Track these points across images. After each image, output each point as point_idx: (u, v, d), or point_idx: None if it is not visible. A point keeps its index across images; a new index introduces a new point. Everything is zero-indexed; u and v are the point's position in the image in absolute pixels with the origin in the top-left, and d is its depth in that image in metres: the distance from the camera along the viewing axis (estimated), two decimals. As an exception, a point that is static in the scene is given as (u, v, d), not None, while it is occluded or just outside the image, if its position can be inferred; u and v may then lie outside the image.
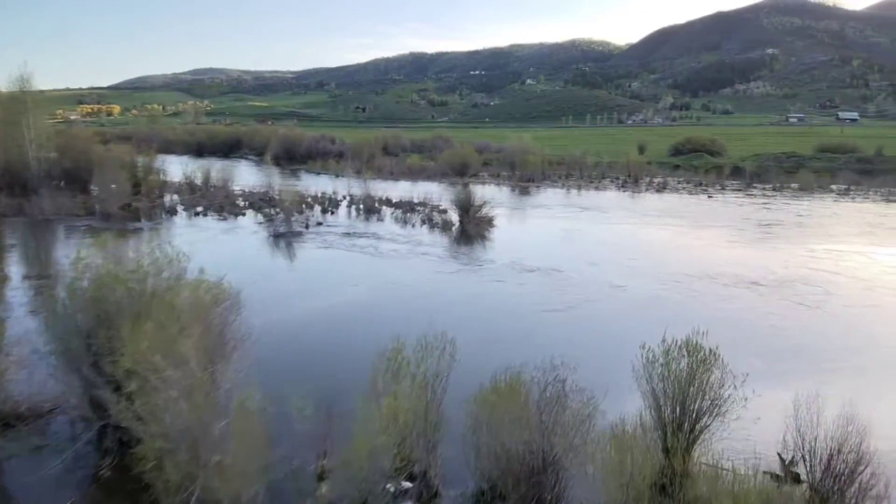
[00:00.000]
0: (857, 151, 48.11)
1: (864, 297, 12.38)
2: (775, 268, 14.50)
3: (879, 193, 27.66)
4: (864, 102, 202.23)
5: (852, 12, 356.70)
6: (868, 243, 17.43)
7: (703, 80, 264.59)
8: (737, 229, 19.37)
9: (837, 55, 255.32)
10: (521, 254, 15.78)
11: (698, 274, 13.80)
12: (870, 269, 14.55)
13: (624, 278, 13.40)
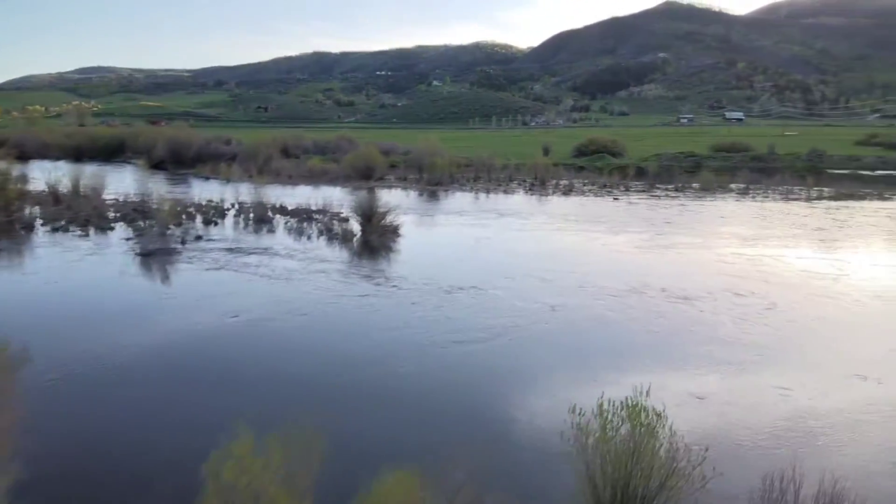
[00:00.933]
0: (751, 150, 50.24)
1: (818, 308, 11.78)
2: (703, 276, 13.83)
3: (778, 192, 28.31)
4: (749, 103, 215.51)
5: (737, 17, 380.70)
6: (797, 246, 17.26)
7: (600, 83, 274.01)
8: (652, 233, 18.84)
9: (724, 58, 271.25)
10: (431, 268, 14.41)
11: (625, 287, 12.82)
12: (811, 276, 14.16)
13: (545, 295, 12.19)
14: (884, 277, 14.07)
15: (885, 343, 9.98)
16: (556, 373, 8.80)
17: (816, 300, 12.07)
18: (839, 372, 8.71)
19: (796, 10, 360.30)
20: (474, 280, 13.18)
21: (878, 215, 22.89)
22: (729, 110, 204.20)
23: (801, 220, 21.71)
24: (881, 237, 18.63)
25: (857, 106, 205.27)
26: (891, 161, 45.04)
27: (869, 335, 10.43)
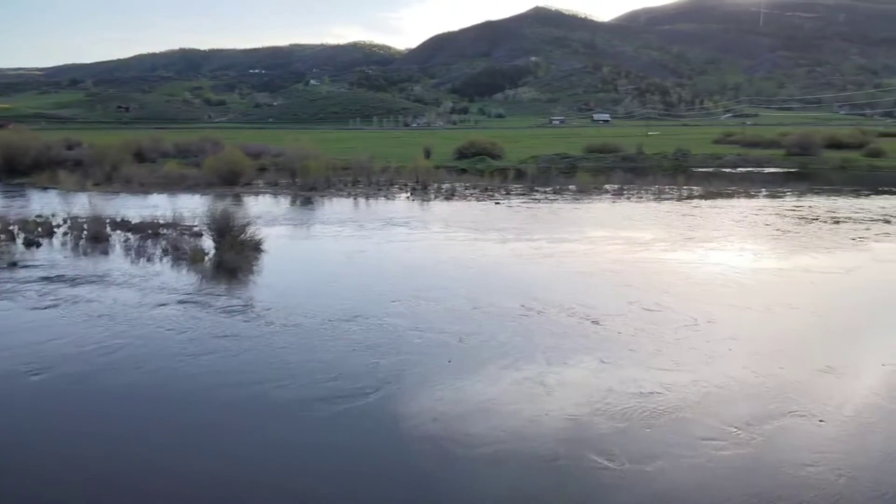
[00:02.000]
0: (621, 150, 51.87)
1: (743, 319, 11.09)
2: (602, 288, 12.93)
3: (651, 192, 28.69)
4: (615, 105, 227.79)
5: (601, 23, 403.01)
6: (689, 248, 16.87)
7: (478, 85, 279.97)
8: (540, 239, 17.94)
9: (590, 63, 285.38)
10: (300, 293, 12.47)
11: (525, 306, 11.49)
12: (719, 282, 13.58)
13: (439, 321, 10.63)
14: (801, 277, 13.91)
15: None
16: (478, 447, 6.81)
17: (737, 310, 11.40)
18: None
19: (654, 18, 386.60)
20: (355, 306, 11.45)
21: (755, 213, 23.48)
22: (597, 112, 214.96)
23: (681, 220, 21.80)
24: (765, 235, 18.80)
25: (711, 106, 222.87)
26: (750, 159, 48.04)
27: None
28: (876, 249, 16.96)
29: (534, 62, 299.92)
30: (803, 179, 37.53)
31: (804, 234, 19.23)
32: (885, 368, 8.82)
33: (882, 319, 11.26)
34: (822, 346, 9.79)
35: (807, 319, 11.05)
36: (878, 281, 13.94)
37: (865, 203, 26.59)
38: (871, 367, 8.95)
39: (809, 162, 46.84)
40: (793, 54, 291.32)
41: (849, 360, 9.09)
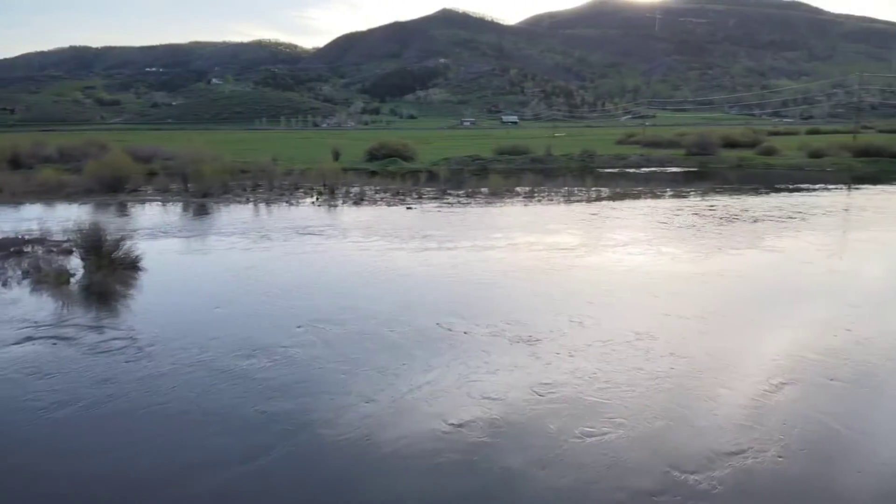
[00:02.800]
0: (530, 152, 52.11)
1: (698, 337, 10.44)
2: (536, 303, 12.05)
3: (561, 194, 28.50)
4: (522, 107, 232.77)
5: (508, 27, 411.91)
6: (609, 250, 16.33)
7: (388, 86, 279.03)
8: (457, 247, 16.94)
9: (498, 65, 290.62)
10: (185, 323, 10.72)
11: (452, 326, 10.32)
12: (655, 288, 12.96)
13: (356, 350, 9.22)
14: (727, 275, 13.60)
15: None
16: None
17: (673, 320, 10.80)
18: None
19: (556, 22, 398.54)
20: (252, 335, 9.88)
21: (665, 213, 23.57)
22: (505, 114, 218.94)
23: (595, 222, 21.49)
24: (679, 236, 18.69)
25: (612, 108, 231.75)
26: (653, 159, 49.41)
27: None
28: (800, 246, 17.17)
29: (444, 64, 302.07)
30: (704, 178, 38.78)
31: (718, 233, 19.33)
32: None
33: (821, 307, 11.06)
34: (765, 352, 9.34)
35: (734, 325, 10.64)
36: (806, 274, 13.91)
37: (769, 200, 27.44)
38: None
39: (708, 161, 48.71)
40: (686, 58, 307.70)
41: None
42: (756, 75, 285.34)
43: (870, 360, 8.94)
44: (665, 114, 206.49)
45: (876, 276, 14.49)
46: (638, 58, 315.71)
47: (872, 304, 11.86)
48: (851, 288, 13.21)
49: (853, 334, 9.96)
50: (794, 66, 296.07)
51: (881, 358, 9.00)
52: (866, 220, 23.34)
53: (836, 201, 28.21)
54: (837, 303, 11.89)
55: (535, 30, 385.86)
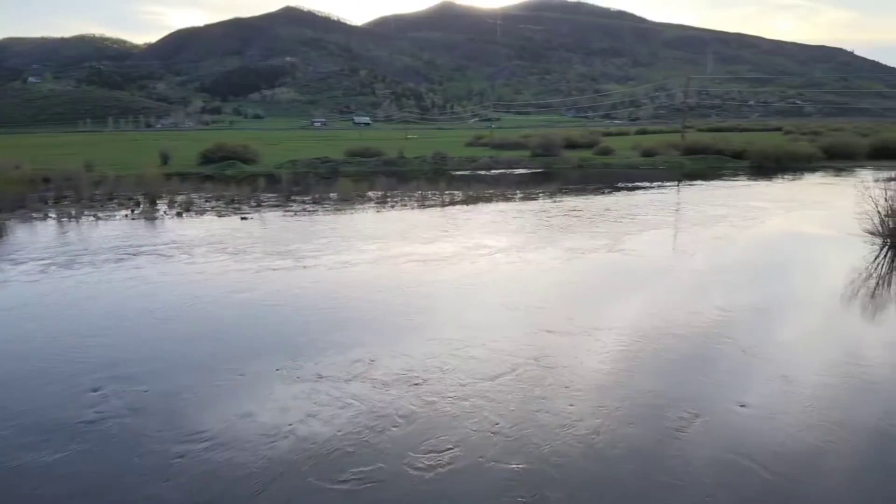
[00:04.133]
0: (382, 154, 50.56)
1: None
2: (404, 329, 10.29)
3: (415, 199, 27.15)
4: (374, 108, 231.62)
5: (355, 27, 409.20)
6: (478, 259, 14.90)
7: (231, 85, 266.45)
8: (304, 267, 14.84)
9: (347, 66, 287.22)
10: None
11: (292, 371, 8.45)
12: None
13: (158, 438, 6.96)
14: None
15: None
16: None
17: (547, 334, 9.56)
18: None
19: (403, 24, 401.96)
20: (34, 409, 7.46)
21: (519, 215, 22.94)
22: (357, 115, 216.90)
23: (452, 228, 20.27)
24: (539, 240, 17.87)
25: (460, 111, 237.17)
26: (502, 160, 49.76)
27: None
28: (658, 240, 16.98)
29: (290, 62, 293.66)
30: (551, 179, 39.41)
31: (572, 234, 18.88)
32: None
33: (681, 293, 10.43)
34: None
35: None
36: (661, 263, 13.48)
37: (615, 199, 27.99)
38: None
39: (553, 162, 49.98)
40: (526, 63, 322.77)
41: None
42: (589, 80, 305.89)
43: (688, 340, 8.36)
44: (509, 116, 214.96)
45: (719, 268, 14.51)
46: (482, 62, 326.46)
47: (706, 292, 11.61)
48: (698, 277, 13.00)
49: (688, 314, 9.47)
50: (621, 72, 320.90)
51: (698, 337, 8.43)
52: (707, 215, 24.24)
53: (674, 198, 29.44)
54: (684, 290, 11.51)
55: (383, 31, 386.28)
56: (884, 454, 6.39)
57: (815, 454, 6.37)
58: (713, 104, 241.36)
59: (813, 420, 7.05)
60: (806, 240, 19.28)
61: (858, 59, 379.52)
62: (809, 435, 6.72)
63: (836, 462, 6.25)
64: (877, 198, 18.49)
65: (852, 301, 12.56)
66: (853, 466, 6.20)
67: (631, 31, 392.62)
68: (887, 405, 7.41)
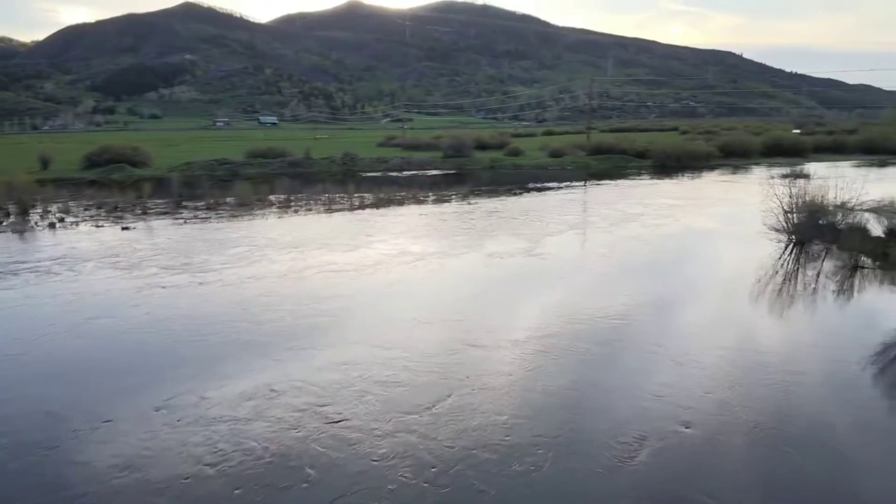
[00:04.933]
0: (288, 155, 48.38)
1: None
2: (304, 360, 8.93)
3: (321, 202, 25.66)
4: (281, 108, 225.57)
5: (260, 24, 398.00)
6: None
7: (125, 84, 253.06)
8: (194, 282, 13.18)
9: (251, 64, 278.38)
10: None
11: (174, 411, 7.06)
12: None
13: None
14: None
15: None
16: None
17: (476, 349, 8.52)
18: None
19: (310, 23, 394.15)
20: None
21: (433, 220, 21.97)
22: (263, 115, 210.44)
23: (362, 237, 19.00)
24: (456, 247, 16.93)
25: (371, 111, 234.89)
26: (414, 161, 48.75)
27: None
28: (574, 242, 16.43)
29: (190, 60, 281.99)
30: (463, 180, 38.77)
31: (493, 238, 18.11)
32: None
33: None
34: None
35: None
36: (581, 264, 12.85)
37: (526, 200, 27.62)
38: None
39: (465, 163, 49.51)
40: (436, 64, 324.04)
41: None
42: (497, 82, 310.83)
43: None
44: (421, 117, 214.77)
45: (635, 268, 14.14)
46: (392, 62, 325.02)
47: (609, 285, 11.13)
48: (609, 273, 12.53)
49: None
50: (528, 74, 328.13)
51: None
52: (619, 215, 24.18)
53: (585, 199, 29.45)
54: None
55: (289, 29, 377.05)
56: (772, 435, 6.78)
57: (708, 429, 6.92)
58: (614, 106, 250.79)
59: (706, 400, 7.67)
60: (715, 238, 19.41)
61: (746, 62, 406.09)
62: (702, 412, 7.30)
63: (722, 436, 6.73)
64: (781, 195, 18.89)
65: (758, 295, 12.68)
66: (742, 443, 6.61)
67: (535, 35, 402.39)
68: (778, 389, 7.98)
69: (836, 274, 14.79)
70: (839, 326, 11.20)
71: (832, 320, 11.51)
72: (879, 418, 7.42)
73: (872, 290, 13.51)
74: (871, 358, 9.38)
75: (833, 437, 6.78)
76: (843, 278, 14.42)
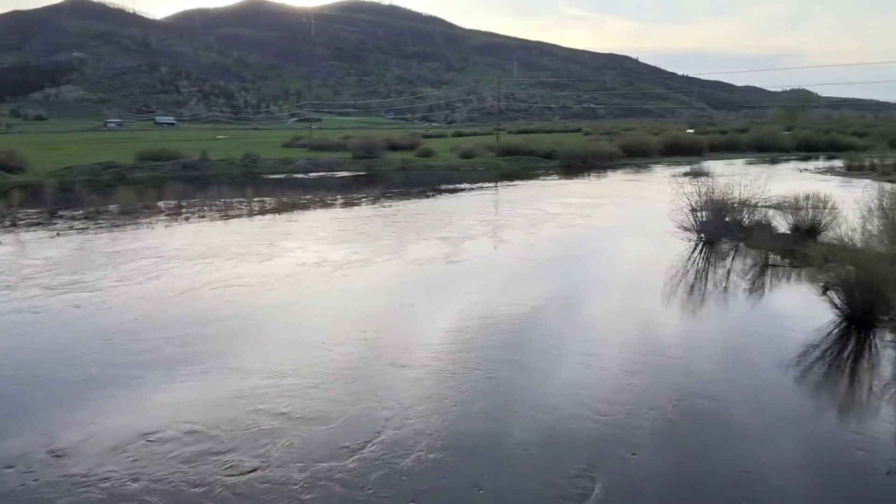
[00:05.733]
0: (182, 157, 45.33)
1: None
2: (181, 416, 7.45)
3: (217, 207, 23.73)
4: (179, 107, 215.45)
5: (154, 21, 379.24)
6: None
7: (8, 84, 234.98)
8: (60, 306, 11.37)
9: (145, 61, 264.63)
10: None
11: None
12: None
13: None
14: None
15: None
16: None
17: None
18: None
19: (209, 20, 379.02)
20: None
21: (340, 226, 20.67)
22: (159, 115, 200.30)
23: (261, 247, 17.48)
24: (363, 257, 15.76)
25: (277, 111, 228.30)
26: (321, 163, 46.86)
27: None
28: (490, 245, 15.64)
29: (78, 58, 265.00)
30: (373, 182, 37.51)
31: (409, 243, 17.05)
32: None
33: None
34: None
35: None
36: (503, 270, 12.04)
37: (440, 202, 26.79)
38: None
39: (375, 164, 48.23)
40: (343, 64, 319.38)
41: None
42: (405, 83, 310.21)
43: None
44: (330, 117, 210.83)
45: (554, 269, 13.60)
46: (298, 61, 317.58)
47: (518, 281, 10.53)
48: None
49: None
50: (436, 76, 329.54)
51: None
52: (535, 216, 23.78)
53: (498, 199, 28.98)
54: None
55: (187, 26, 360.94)
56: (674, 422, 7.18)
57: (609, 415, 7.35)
58: (520, 107, 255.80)
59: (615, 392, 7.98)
60: (629, 238, 19.29)
61: (642, 66, 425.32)
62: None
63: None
64: (689, 193, 18.99)
65: (669, 295, 12.70)
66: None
67: (442, 36, 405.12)
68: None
69: (747, 272, 14.84)
70: (745, 323, 11.25)
71: (740, 317, 11.48)
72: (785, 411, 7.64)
73: (781, 287, 13.57)
74: (780, 357, 9.26)
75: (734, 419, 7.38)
76: (754, 276, 14.46)
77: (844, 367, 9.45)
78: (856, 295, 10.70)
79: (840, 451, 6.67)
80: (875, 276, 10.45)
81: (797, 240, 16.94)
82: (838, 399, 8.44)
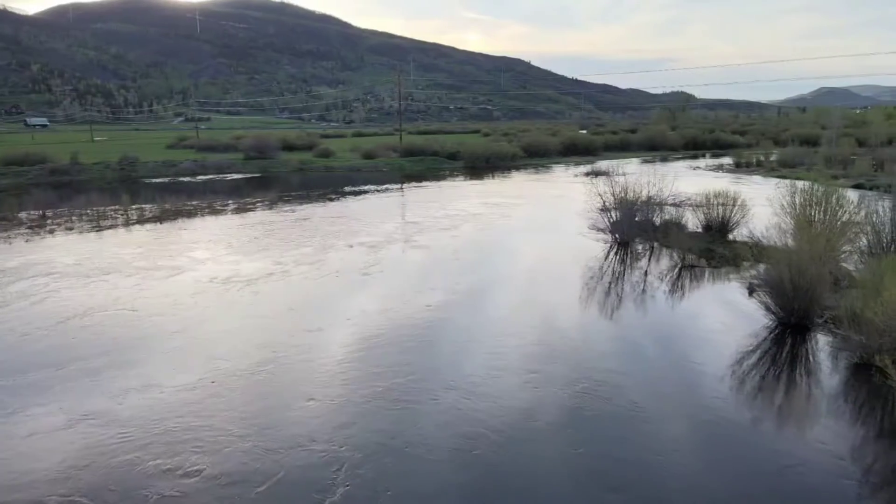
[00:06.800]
0: (49, 161, 40.77)
1: None
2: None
3: (87, 217, 20.95)
4: (52, 108, 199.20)
5: (26, 17, 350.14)
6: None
7: None
8: None
9: (15, 60, 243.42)
10: None
11: None
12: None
13: None
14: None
15: None
16: None
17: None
18: None
19: (84, 15, 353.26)
20: None
21: (231, 238, 18.65)
22: (30, 115, 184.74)
23: (139, 263, 15.30)
24: (260, 278, 13.99)
25: (161, 110, 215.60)
26: (209, 164, 43.62)
27: None
28: (404, 252, 14.29)
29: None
30: (269, 185, 35.16)
31: (305, 251, 15.40)
32: None
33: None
34: None
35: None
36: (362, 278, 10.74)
37: (345, 206, 25.14)
38: None
39: (269, 165, 45.67)
40: (232, 62, 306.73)
41: None
42: (300, 82, 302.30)
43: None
44: (220, 116, 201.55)
45: (473, 275, 12.58)
46: (182, 59, 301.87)
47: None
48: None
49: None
50: (331, 75, 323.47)
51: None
52: (446, 219, 22.73)
53: (406, 201, 27.75)
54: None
55: (59, 22, 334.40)
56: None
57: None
58: (419, 108, 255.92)
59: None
60: (543, 240, 18.62)
61: (535, 69, 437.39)
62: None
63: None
64: (602, 193, 18.62)
65: (587, 298, 12.43)
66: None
67: (338, 36, 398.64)
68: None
69: (664, 272, 14.49)
70: (679, 330, 10.65)
71: (671, 323, 10.91)
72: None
73: (704, 288, 13.23)
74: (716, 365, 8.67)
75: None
76: (672, 276, 14.10)
77: (781, 371, 9.01)
78: (788, 296, 10.35)
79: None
80: (807, 276, 10.14)
81: (711, 239, 16.86)
82: (775, 407, 7.90)
